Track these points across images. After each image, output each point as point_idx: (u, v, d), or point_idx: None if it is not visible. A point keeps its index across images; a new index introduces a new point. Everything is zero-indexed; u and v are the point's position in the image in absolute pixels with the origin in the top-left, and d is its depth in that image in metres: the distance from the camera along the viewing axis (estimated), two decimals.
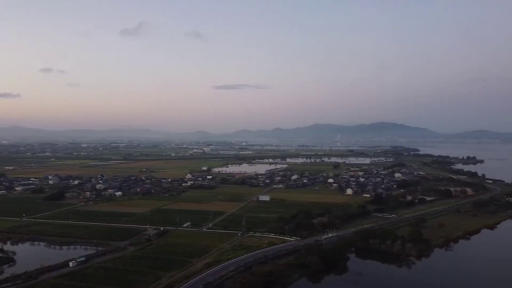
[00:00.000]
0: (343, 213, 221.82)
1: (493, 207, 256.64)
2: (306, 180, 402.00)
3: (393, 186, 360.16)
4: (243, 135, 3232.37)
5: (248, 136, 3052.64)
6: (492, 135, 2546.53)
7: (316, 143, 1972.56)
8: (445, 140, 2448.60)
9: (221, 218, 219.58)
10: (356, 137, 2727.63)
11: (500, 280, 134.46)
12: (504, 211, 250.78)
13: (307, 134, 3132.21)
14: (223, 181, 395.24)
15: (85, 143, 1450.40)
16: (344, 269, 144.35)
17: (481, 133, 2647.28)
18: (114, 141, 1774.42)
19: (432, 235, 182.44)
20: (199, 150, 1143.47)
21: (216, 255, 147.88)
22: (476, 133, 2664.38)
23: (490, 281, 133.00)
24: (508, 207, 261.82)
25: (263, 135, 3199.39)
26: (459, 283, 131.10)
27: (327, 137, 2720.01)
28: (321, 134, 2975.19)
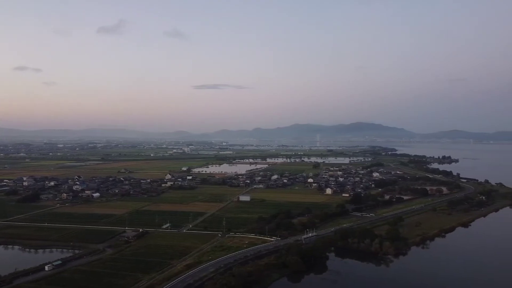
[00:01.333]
0: (322, 213, 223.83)
1: (467, 206, 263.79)
2: (286, 180, 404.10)
3: (372, 186, 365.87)
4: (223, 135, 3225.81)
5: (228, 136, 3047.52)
6: (466, 135, 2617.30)
7: (296, 143, 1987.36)
8: (421, 140, 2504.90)
9: (201, 219, 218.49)
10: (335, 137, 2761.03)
11: (473, 276, 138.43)
12: (477, 209, 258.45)
13: (287, 134, 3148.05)
14: (203, 181, 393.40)
15: (61, 144, 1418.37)
16: (323, 268, 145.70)
17: (456, 133, 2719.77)
18: (91, 141, 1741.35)
19: (409, 233, 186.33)
20: (179, 150, 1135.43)
21: (196, 257, 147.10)
22: (451, 133, 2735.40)
23: (463, 278, 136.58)
24: (481, 205, 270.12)
25: (243, 135, 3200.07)
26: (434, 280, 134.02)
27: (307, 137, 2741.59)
28: (301, 134, 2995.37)
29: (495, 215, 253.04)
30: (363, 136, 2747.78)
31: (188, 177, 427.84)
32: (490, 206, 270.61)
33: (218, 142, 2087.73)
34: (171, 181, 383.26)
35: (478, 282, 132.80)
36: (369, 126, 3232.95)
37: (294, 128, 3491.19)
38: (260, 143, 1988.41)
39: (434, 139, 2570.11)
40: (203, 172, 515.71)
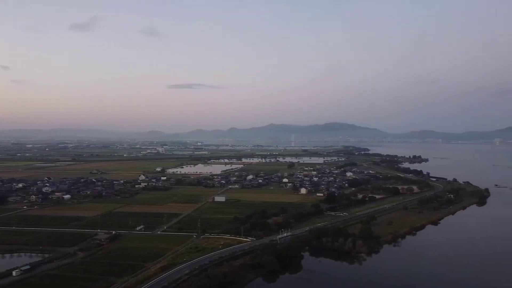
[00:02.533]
0: (297, 213, 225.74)
1: (436, 204, 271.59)
2: (262, 180, 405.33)
3: (345, 185, 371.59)
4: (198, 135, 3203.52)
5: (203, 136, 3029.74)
6: (436, 135, 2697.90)
7: (271, 143, 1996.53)
8: (393, 140, 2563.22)
9: (176, 220, 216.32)
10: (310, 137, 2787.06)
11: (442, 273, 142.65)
12: (446, 207, 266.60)
13: (262, 134, 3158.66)
14: (178, 182, 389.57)
15: (30, 144, 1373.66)
16: (298, 268, 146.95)
17: (426, 133, 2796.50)
18: (62, 141, 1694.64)
19: (382, 232, 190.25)
20: (153, 150, 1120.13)
21: (171, 259, 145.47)
22: (422, 133, 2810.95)
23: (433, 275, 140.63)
24: (449, 203, 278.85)
25: (218, 135, 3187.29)
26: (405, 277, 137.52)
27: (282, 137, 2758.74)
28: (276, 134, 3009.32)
29: (463, 213, 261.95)
30: (337, 136, 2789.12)
31: (163, 177, 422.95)
32: (458, 204, 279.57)
33: (193, 142, 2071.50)
34: (145, 182, 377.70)
35: (447, 279, 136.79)
36: (343, 126, 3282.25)
37: (269, 128, 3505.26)
38: (235, 143, 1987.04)
39: (406, 139, 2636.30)
40: (177, 172, 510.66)
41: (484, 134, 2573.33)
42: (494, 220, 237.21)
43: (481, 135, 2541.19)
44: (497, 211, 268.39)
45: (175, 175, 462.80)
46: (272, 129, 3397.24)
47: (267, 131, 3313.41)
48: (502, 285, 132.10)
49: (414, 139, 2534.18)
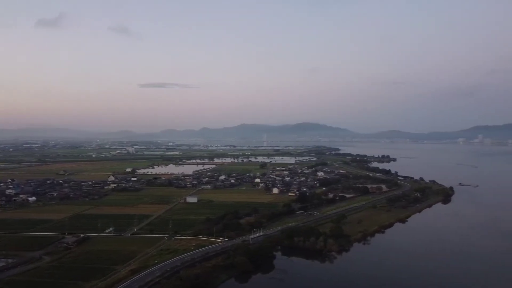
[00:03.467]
0: (269, 212, 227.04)
1: (404, 202, 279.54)
2: (234, 180, 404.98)
3: (316, 185, 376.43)
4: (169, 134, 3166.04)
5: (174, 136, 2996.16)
6: (403, 135, 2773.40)
7: (243, 143, 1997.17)
8: (362, 140, 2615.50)
9: (147, 221, 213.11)
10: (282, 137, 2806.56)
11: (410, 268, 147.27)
12: (414, 205, 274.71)
13: (235, 134, 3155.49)
14: (149, 183, 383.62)
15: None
16: (270, 268, 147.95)
17: (394, 133, 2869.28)
18: (27, 141, 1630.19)
19: (352, 230, 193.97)
20: (123, 150, 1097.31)
21: (142, 261, 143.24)
22: (390, 133, 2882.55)
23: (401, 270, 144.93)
24: (416, 201, 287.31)
25: (190, 135, 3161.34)
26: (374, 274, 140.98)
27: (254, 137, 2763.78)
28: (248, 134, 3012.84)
29: (429, 211, 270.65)
30: (308, 136, 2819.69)
31: (133, 178, 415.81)
32: (424, 202, 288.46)
33: (164, 142, 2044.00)
34: (115, 183, 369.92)
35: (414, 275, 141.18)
36: (314, 126, 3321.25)
37: (242, 128, 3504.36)
38: (208, 143, 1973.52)
39: (375, 139, 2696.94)
40: (148, 173, 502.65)
41: (449, 134, 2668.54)
42: (458, 217, 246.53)
43: (446, 135, 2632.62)
44: (461, 208, 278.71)
45: (146, 176, 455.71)
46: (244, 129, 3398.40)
47: (239, 131, 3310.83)
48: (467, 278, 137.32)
49: (382, 139, 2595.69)
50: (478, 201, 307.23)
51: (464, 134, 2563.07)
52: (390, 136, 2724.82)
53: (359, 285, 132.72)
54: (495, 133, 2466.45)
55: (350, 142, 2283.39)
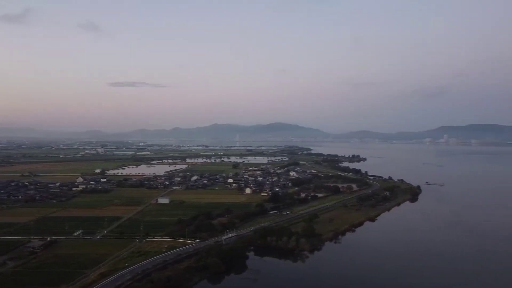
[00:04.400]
0: (242, 213, 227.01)
1: (374, 201, 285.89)
2: (206, 180, 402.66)
3: (289, 184, 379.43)
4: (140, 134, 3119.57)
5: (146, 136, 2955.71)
6: (373, 135, 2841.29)
7: (216, 143, 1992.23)
8: (334, 140, 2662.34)
9: (117, 223, 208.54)
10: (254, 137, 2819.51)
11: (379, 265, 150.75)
12: (383, 204, 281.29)
13: (207, 134, 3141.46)
14: (119, 184, 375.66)
15: None
16: (243, 268, 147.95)
17: (364, 133, 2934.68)
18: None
19: (323, 229, 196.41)
20: (92, 151, 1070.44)
21: (112, 264, 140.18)
22: (360, 133, 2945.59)
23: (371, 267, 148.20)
24: (386, 200, 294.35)
25: (162, 135, 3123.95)
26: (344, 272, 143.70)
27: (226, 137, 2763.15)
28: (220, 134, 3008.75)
29: (398, 209, 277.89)
30: (280, 136, 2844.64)
31: (102, 179, 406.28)
32: (393, 201, 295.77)
33: (135, 142, 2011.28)
34: (83, 184, 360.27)
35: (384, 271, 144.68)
36: (286, 126, 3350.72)
37: (214, 128, 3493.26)
38: (180, 143, 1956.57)
39: (345, 139, 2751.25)
40: (118, 174, 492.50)
41: (416, 134, 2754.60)
42: (426, 216, 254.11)
43: (414, 135, 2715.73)
44: (428, 207, 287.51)
45: (116, 177, 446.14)
46: (217, 129, 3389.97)
47: (211, 131, 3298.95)
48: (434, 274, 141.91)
49: (353, 139, 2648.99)
50: (444, 200, 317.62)
51: (430, 134, 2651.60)
52: (361, 136, 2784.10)
53: (331, 285, 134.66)
54: (459, 133, 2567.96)
55: (321, 142, 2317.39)
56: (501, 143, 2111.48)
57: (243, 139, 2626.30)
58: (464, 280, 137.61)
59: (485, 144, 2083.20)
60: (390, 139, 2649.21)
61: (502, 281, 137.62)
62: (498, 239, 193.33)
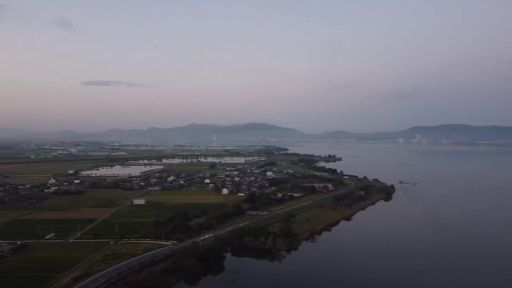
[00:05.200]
0: (219, 213, 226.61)
1: (349, 200, 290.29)
2: (183, 181, 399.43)
3: (266, 184, 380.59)
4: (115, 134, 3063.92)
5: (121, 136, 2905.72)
6: (348, 136, 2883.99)
7: (193, 143, 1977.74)
8: (310, 140, 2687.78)
9: (91, 226, 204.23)
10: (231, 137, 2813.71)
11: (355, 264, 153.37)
12: (358, 203, 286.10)
13: (184, 134, 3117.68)
14: (93, 185, 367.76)
15: None
16: (220, 269, 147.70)
17: (340, 134, 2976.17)
18: None
19: (300, 229, 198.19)
20: (65, 151, 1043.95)
21: (86, 267, 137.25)
22: (336, 134, 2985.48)
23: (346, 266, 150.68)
24: (360, 199, 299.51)
25: (137, 135, 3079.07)
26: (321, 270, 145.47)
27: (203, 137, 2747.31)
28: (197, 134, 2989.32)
29: (372, 208, 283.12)
30: (257, 136, 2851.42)
31: (76, 180, 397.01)
32: (368, 200, 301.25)
33: (109, 142, 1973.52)
34: (56, 186, 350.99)
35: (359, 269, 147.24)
36: (263, 126, 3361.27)
37: (191, 128, 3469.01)
38: (156, 143, 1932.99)
39: (321, 139, 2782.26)
40: (92, 175, 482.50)
41: (390, 134, 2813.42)
42: (399, 214, 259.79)
43: (388, 135, 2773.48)
44: (402, 205, 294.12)
45: (90, 178, 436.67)
46: (194, 129, 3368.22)
47: (188, 131, 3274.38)
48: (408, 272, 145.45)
49: (329, 139, 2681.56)
50: (417, 198, 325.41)
51: (403, 134, 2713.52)
52: (336, 136, 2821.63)
53: (308, 284, 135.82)
54: (431, 133, 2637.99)
55: (298, 142, 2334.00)
56: (470, 143, 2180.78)
57: (220, 139, 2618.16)
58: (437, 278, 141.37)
59: (455, 143, 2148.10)
60: (365, 139, 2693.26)
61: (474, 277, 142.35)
62: (468, 236, 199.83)
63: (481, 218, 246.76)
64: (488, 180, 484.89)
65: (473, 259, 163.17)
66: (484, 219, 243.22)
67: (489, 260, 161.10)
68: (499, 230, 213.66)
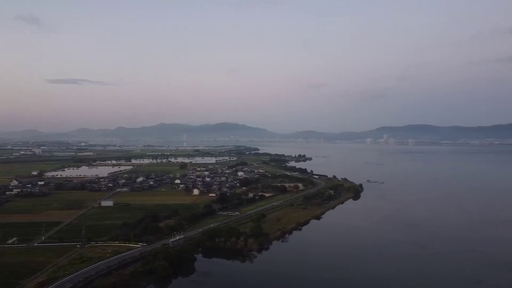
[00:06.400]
0: (190, 214, 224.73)
1: (319, 200, 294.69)
2: (153, 181, 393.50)
3: (237, 185, 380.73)
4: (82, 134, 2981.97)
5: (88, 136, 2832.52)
6: (318, 135, 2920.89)
7: (163, 143, 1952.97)
8: (281, 140, 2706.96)
9: (57, 229, 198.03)
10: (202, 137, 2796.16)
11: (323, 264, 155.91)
12: (327, 202, 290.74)
13: (153, 133, 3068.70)
14: (58, 186, 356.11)
15: None
16: (191, 271, 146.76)
17: (309, 133, 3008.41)
18: None
19: (271, 229, 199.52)
20: (28, 151, 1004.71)
21: (51, 272, 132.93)
22: (306, 133, 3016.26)
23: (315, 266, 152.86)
24: (330, 198, 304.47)
25: (105, 135, 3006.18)
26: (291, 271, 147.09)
27: (173, 137, 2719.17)
28: (167, 134, 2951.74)
29: (341, 207, 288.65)
30: (228, 136, 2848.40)
31: (40, 182, 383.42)
32: (337, 199, 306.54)
33: (76, 142, 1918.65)
34: (18, 188, 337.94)
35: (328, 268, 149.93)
36: (234, 126, 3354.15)
37: (161, 127, 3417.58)
38: (124, 143, 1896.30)
39: (292, 138, 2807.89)
40: (58, 176, 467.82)
41: (358, 134, 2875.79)
42: (367, 212, 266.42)
43: (356, 135, 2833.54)
44: (369, 204, 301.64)
45: (55, 179, 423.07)
46: (164, 129, 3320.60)
47: (158, 131, 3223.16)
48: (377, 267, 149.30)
49: (299, 139, 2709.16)
50: (384, 197, 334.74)
51: (371, 134, 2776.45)
52: (306, 136, 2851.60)
53: (279, 284, 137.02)
54: (398, 133, 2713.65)
55: (269, 142, 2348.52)
56: (435, 143, 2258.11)
57: (191, 139, 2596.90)
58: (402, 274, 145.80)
59: (420, 143, 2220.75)
60: (334, 139, 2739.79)
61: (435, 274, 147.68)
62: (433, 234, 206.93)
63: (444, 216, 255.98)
64: (450, 178, 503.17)
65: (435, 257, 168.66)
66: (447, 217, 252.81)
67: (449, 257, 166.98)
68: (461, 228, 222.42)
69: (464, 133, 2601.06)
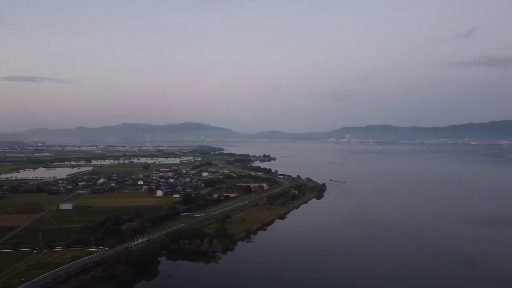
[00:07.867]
0: (153, 216, 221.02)
1: (283, 199, 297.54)
2: (114, 183, 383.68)
3: (201, 185, 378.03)
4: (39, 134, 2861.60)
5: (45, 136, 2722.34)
6: (282, 135, 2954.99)
7: (125, 143, 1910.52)
8: (245, 140, 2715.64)
9: (11, 234, 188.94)
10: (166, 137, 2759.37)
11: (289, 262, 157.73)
12: (292, 202, 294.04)
13: (115, 133, 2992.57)
14: (13, 189, 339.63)
15: None
16: (154, 274, 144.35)
17: (274, 134, 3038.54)
18: None
19: (236, 229, 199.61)
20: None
21: (5, 280, 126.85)
22: (270, 133, 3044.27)
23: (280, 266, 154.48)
24: (294, 198, 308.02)
25: (64, 135, 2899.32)
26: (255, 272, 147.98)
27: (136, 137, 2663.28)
28: (130, 134, 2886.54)
29: (305, 206, 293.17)
30: (192, 136, 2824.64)
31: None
32: (301, 199, 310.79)
33: (32, 142, 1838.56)
34: None
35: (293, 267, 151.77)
36: (199, 126, 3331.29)
37: (123, 127, 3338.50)
38: (84, 143, 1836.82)
39: (256, 138, 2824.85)
40: (12, 178, 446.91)
41: (322, 134, 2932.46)
42: (330, 211, 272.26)
43: (319, 135, 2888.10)
44: (332, 203, 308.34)
45: (9, 182, 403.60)
46: (126, 128, 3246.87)
47: (120, 131, 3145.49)
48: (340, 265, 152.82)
49: (264, 139, 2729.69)
50: (346, 195, 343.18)
51: (334, 134, 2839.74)
52: (271, 136, 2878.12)
53: (243, 284, 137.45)
54: (359, 133, 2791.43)
55: (233, 142, 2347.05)
56: (394, 143, 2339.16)
57: (154, 139, 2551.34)
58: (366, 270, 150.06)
59: (381, 143, 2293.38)
60: (298, 139, 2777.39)
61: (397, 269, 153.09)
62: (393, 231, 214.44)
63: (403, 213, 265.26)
64: (409, 176, 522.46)
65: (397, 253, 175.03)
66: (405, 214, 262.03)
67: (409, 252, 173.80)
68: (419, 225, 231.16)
69: (421, 133, 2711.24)
